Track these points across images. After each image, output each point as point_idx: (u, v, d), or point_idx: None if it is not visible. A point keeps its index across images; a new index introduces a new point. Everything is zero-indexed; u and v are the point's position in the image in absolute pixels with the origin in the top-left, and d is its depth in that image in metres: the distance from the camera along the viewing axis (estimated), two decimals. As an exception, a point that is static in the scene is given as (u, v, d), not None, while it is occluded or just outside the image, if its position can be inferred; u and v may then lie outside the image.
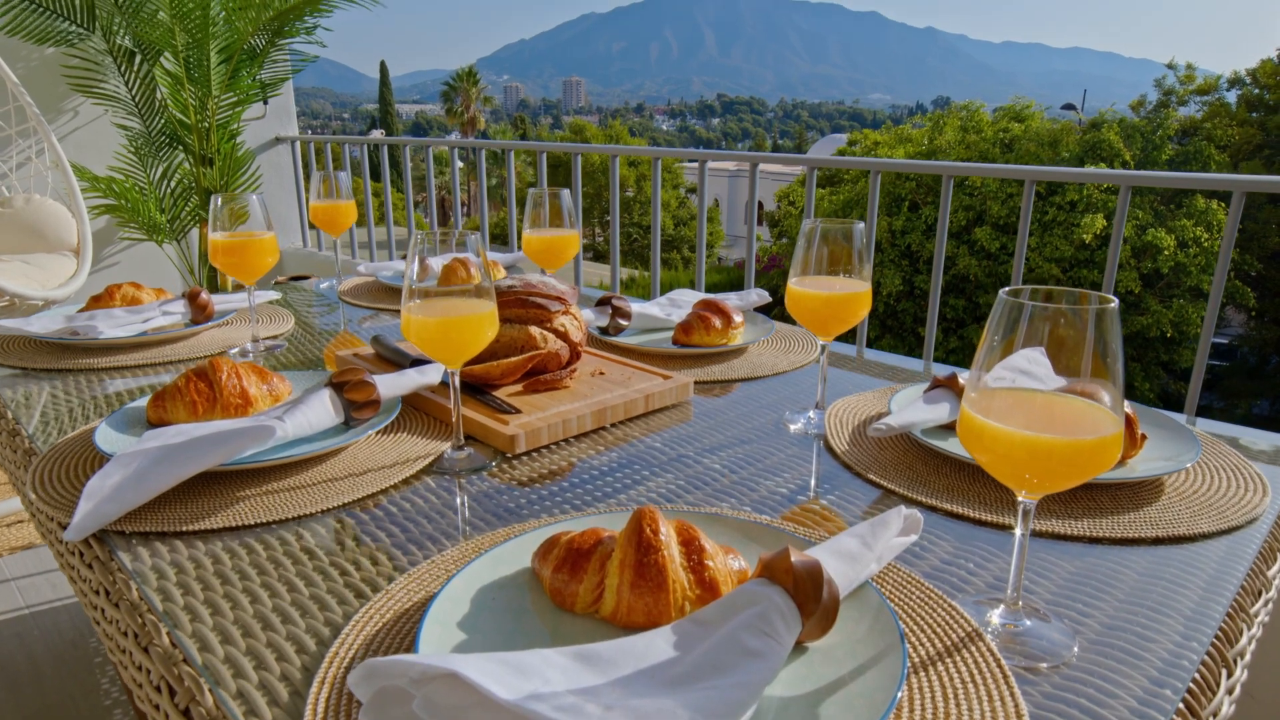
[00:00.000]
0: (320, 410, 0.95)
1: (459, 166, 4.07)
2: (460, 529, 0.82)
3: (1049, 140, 13.58)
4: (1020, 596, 0.64)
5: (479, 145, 3.78)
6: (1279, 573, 0.76)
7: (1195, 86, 16.77)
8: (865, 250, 1.00)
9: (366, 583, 0.71)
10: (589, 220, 26.87)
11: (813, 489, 0.90)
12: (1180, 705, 0.56)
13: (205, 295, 1.48)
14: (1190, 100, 16.97)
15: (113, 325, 1.38)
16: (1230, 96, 17.16)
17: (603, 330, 1.42)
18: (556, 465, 0.97)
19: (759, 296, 1.56)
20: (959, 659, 0.58)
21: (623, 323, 1.42)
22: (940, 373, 1.04)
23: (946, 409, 0.97)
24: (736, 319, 1.38)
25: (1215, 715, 0.57)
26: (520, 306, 1.15)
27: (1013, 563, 0.64)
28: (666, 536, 0.61)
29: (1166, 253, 12.41)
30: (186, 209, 4.06)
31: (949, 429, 0.99)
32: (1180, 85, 16.90)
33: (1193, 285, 12.94)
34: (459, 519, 0.84)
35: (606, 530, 0.66)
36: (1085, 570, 0.73)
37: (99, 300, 1.47)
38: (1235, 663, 0.62)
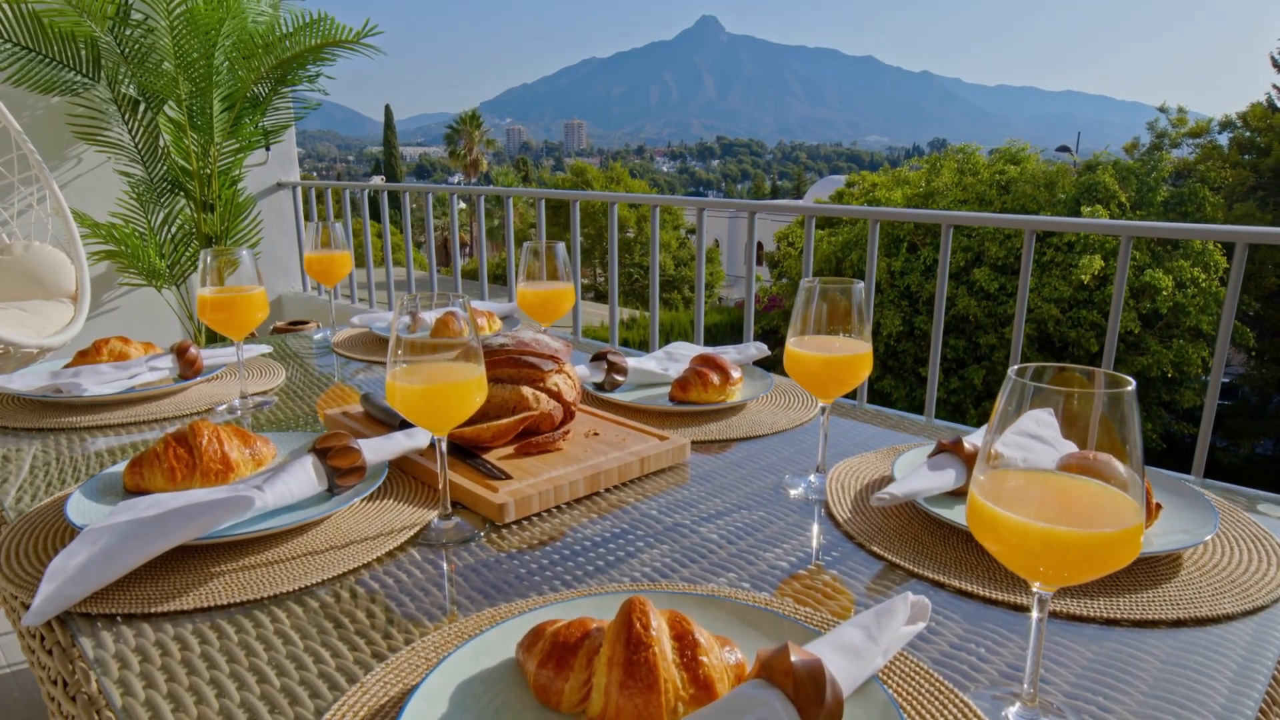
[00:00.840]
0: (302, 478, 0.92)
1: (461, 208, 4.10)
2: (445, 608, 0.78)
3: (1045, 182, 13.71)
4: (1037, 692, 0.60)
5: (478, 192, 3.80)
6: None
7: (1187, 129, 17.01)
8: (865, 309, 0.98)
9: (342, 671, 0.67)
10: (590, 260, 27.03)
11: (814, 562, 0.86)
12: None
13: (194, 350, 1.45)
14: (1183, 142, 17.20)
15: (98, 382, 1.35)
16: (1222, 139, 17.40)
17: (598, 386, 1.39)
18: (548, 534, 0.93)
19: (758, 350, 1.53)
20: (974, 767, 0.54)
21: (618, 378, 1.39)
22: (945, 436, 1.01)
23: (952, 476, 0.94)
24: (734, 375, 1.35)
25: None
26: (512, 366, 1.13)
27: (1029, 654, 0.60)
28: (658, 631, 0.57)
29: (1165, 293, 12.44)
30: (187, 254, 4.06)
31: (955, 496, 0.95)
32: (1173, 128, 17.15)
33: (1192, 325, 12.94)
34: (444, 596, 0.80)
35: (595, 621, 0.62)
36: (1104, 657, 0.69)
37: (86, 356, 1.45)
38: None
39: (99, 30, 3.53)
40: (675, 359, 1.50)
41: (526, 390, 1.11)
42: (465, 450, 1.09)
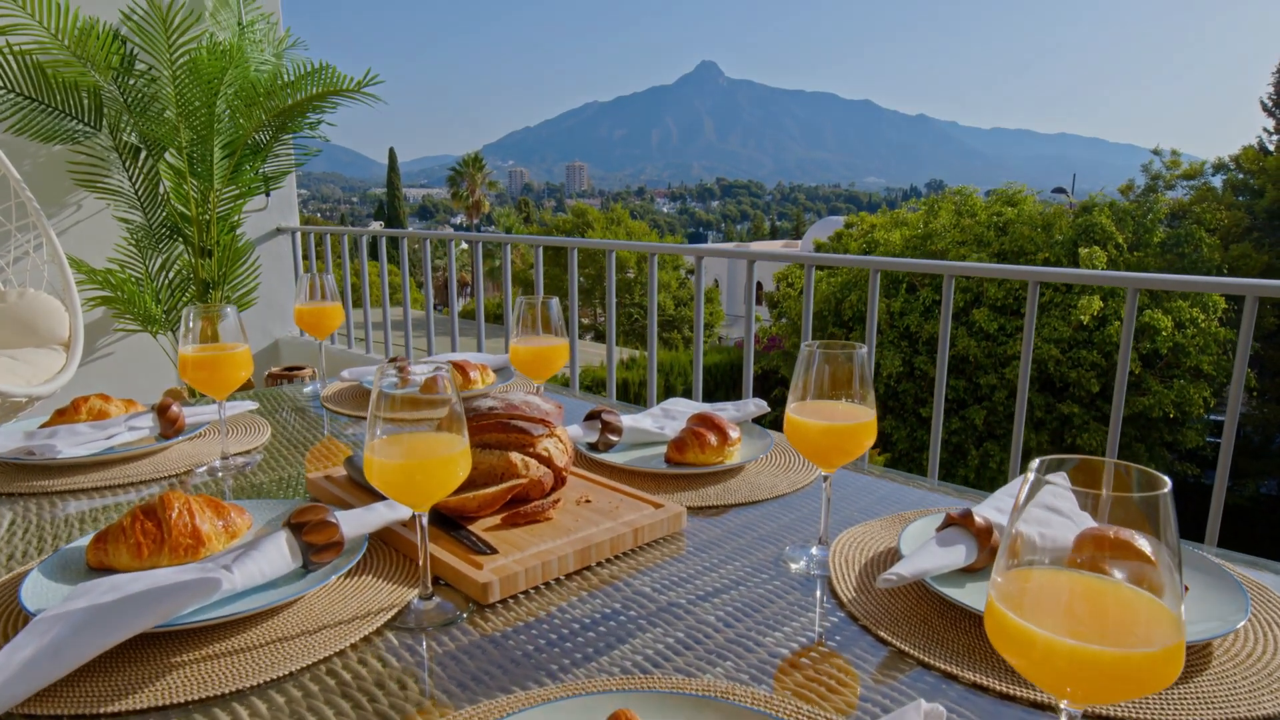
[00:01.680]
0: (275, 555, 0.87)
1: (463, 248, 4.10)
2: (421, 703, 0.72)
3: (1042, 224, 13.80)
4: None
5: (476, 238, 3.79)
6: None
7: (1181, 171, 17.19)
8: (868, 374, 0.94)
9: (303, 784, 0.62)
10: (590, 301, 27.12)
11: (817, 649, 0.81)
12: None
13: (176, 408, 1.41)
14: (1177, 184, 17.38)
15: (74, 443, 1.31)
16: (1216, 181, 17.59)
17: (591, 446, 1.34)
18: (535, 615, 0.87)
19: (756, 407, 1.49)
20: None
21: (613, 438, 1.34)
22: (954, 508, 0.96)
23: (962, 552, 0.88)
24: (733, 435, 1.31)
25: None
26: (501, 431, 1.08)
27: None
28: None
29: (1165, 334, 12.43)
30: (183, 300, 4.05)
31: (966, 574, 0.90)
32: (1166, 170, 17.33)
33: (1192, 365, 12.91)
34: (421, 689, 0.74)
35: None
36: (1135, 766, 0.63)
37: (64, 414, 1.41)
38: None
39: (103, 80, 3.56)
40: (672, 416, 1.46)
41: (515, 456, 1.07)
42: (450, 520, 1.04)
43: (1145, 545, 0.47)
